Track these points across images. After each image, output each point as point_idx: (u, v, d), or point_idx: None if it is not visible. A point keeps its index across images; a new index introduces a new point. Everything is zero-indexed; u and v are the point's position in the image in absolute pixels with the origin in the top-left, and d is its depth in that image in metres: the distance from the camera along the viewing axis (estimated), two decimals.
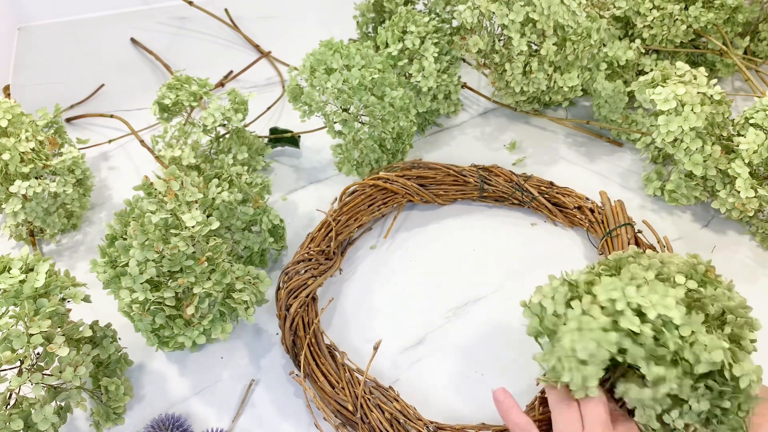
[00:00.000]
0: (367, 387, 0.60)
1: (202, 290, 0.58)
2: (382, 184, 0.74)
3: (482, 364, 0.65)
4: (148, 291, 0.57)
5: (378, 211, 0.74)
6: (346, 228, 0.72)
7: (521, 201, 0.76)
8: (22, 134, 0.72)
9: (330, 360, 0.62)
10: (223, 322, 0.62)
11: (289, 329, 0.63)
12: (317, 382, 0.61)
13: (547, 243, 0.75)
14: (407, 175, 0.75)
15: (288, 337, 0.64)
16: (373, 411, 0.58)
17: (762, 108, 0.70)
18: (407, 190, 0.75)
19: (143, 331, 0.61)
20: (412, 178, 0.75)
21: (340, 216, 0.72)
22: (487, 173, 0.76)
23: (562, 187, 0.76)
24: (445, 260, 0.74)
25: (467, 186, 0.76)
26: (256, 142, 0.82)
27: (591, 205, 0.74)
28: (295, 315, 0.63)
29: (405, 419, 0.58)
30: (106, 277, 0.59)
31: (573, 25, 0.76)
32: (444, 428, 0.58)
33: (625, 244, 0.68)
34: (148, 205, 0.58)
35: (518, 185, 0.75)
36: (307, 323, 0.64)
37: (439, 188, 0.77)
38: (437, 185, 0.77)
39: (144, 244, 0.56)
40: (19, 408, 0.53)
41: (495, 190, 0.76)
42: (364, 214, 0.73)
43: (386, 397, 0.60)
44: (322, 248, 0.69)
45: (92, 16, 1.12)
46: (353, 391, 0.59)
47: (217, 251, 0.60)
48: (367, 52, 0.73)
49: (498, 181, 0.76)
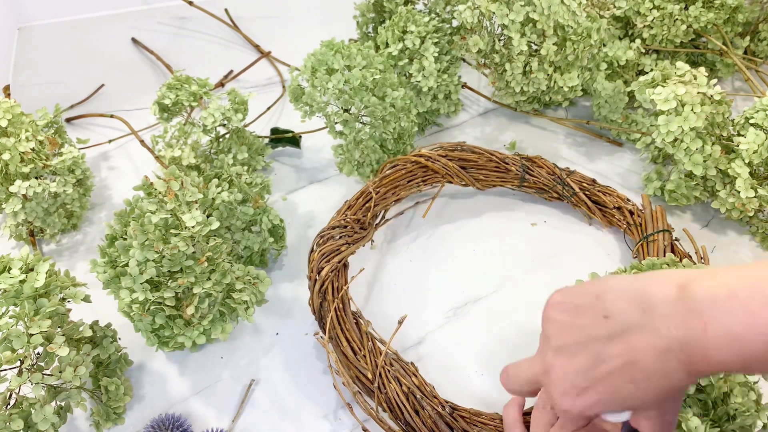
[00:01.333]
0: (387, 358, 0.60)
1: (202, 290, 0.58)
2: (424, 161, 0.73)
3: (482, 364, 0.65)
4: (148, 291, 0.57)
5: (417, 188, 0.75)
6: (383, 200, 0.72)
7: (561, 195, 0.75)
8: (22, 134, 0.72)
9: (355, 327, 0.62)
10: (223, 322, 0.62)
11: (318, 292, 0.63)
12: (340, 346, 0.61)
13: (547, 244, 0.75)
14: (450, 156, 0.75)
15: (316, 299, 0.64)
16: (391, 382, 0.58)
17: (762, 108, 0.70)
18: (448, 171, 0.74)
19: (143, 331, 0.61)
20: (454, 159, 0.75)
21: (379, 188, 0.72)
22: (530, 163, 0.76)
23: (604, 186, 0.75)
24: (445, 260, 0.74)
25: (508, 174, 0.76)
26: (256, 142, 0.82)
27: (631, 207, 0.73)
28: (325, 278, 0.63)
29: (422, 395, 0.58)
30: (106, 277, 0.59)
31: (573, 25, 0.76)
32: (459, 410, 0.58)
33: (661, 251, 0.67)
34: (148, 205, 0.58)
35: (560, 179, 0.74)
36: (336, 288, 0.64)
37: (479, 173, 0.76)
38: (478, 169, 0.76)
39: (144, 244, 0.56)
40: (19, 408, 0.53)
41: (536, 181, 0.75)
42: (403, 189, 0.73)
43: (406, 370, 0.60)
44: (359, 217, 0.69)
45: (92, 16, 1.12)
46: (374, 360, 0.59)
47: (217, 251, 0.60)
48: (368, 52, 0.73)
49: (540, 172, 0.75)
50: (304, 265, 0.74)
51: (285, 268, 0.74)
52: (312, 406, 0.63)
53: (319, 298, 0.64)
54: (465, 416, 0.58)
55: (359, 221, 0.69)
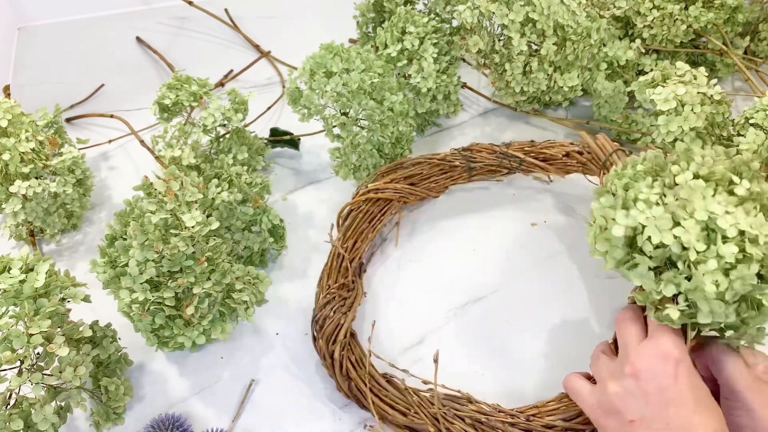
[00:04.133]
0: (438, 401, 0.59)
1: (202, 290, 0.58)
2: (374, 195, 0.73)
3: (482, 364, 0.65)
4: (147, 291, 0.57)
5: (380, 224, 0.74)
6: (356, 251, 0.70)
7: (510, 168, 0.76)
8: (22, 134, 0.72)
9: (394, 390, 0.60)
10: (222, 323, 0.62)
11: (341, 375, 0.61)
12: (388, 417, 0.60)
13: (547, 244, 0.75)
14: (395, 178, 0.74)
15: (343, 383, 0.61)
16: (454, 423, 0.57)
17: (762, 108, 0.70)
18: (400, 194, 0.74)
19: (143, 331, 0.61)
20: (400, 181, 0.75)
21: (345, 243, 0.70)
22: (470, 152, 0.76)
23: (545, 142, 0.76)
24: (445, 260, 0.74)
25: (455, 170, 0.76)
26: (256, 142, 0.82)
27: (578, 148, 0.73)
28: (341, 359, 0.61)
29: (487, 417, 0.57)
30: (106, 278, 0.59)
31: (573, 25, 0.76)
32: (526, 412, 0.57)
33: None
34: (148, 205, 0.58)
35: (503, 154, 0.75)
36: (354, 362, 0.62)
37: (429, 182, 0.76)
38: (426, 179, 0.76)
39: (144, 244, 0.56)
40: (19, 408, 0.53)
41: (483, 166, 0.76)
42: (368, 231, 0.72)
43: (460, 403, 0.59)
44: (341, 282, 0.67)
45: (92, 16, 1.12)
46: (428, 412, 0.58)
47: (217, 251, 0.60)
48: (367, 56, 0.72)
49: (482, 156, 0.75)
50: (304, 265, 0.74)
51: (285, 268, 0.74)
52: (312, 406, 0.63)
53: (345, 382, 0.61)
54: (536, 414, 0.57)
55: (344, 285, 0.67)
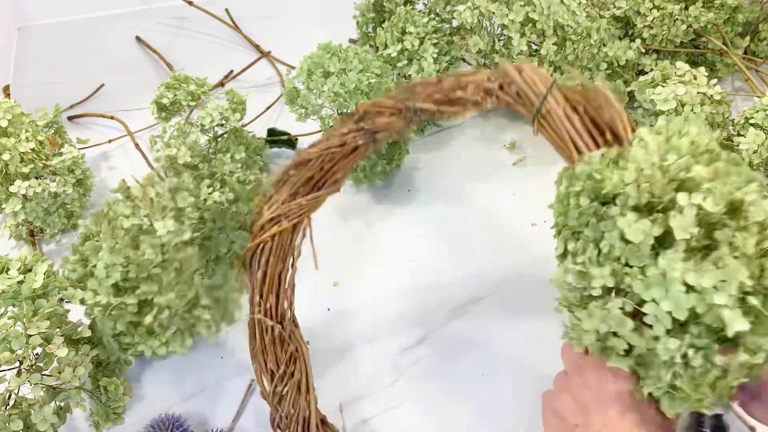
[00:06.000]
0: None
1: (163, 301, 0.56)
2: (278, 229, 0.58)
3: (482, 365, 0.65)
4: (111, 295, 0.55)
5: (295, 255, 0.60)
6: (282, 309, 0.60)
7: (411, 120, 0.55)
8: (22, 134, 0.72)
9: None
10: (184, 337, 0.59)
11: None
12: None
13: (548, 244, 0.75)
14: (294, 191, 0.59)
15: None
16: None
17: (762, 108, 0.70)
18: (306, 209, 0.59)
19: (104, 335, 0.59)
20: (299, 189, 0.59)
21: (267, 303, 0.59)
22: (370, 122, 0.56)
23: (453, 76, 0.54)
24: (444, 260, 0.74)
25: (357, 151, 0.58)
26: (254, 142, 0.82)
27: (498, 83, 0.55)
28: None
29: None
30: (76, 276, 0.57)
31: (573, 25, 0.76)
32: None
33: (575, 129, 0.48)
34: (123, 209, 0.56)
35: (409, 109, 0.55)
36: None
37: (333, 175, 0.59)
38: (328, 173, 0.59)
39: (113, 247, 0.54)
40: (18, 408, 0.53)
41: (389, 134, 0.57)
42: (284, 272, 0.60)
43: None
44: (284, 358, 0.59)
45: (92, 16, 1.12)
46: None
47: (187, 263, 0.57)
48: (365, 56, 0.72)
49: (384, 121, 0.55)
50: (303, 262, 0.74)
51: None
52: None
53: None
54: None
55: (289, 358, 0.59)
